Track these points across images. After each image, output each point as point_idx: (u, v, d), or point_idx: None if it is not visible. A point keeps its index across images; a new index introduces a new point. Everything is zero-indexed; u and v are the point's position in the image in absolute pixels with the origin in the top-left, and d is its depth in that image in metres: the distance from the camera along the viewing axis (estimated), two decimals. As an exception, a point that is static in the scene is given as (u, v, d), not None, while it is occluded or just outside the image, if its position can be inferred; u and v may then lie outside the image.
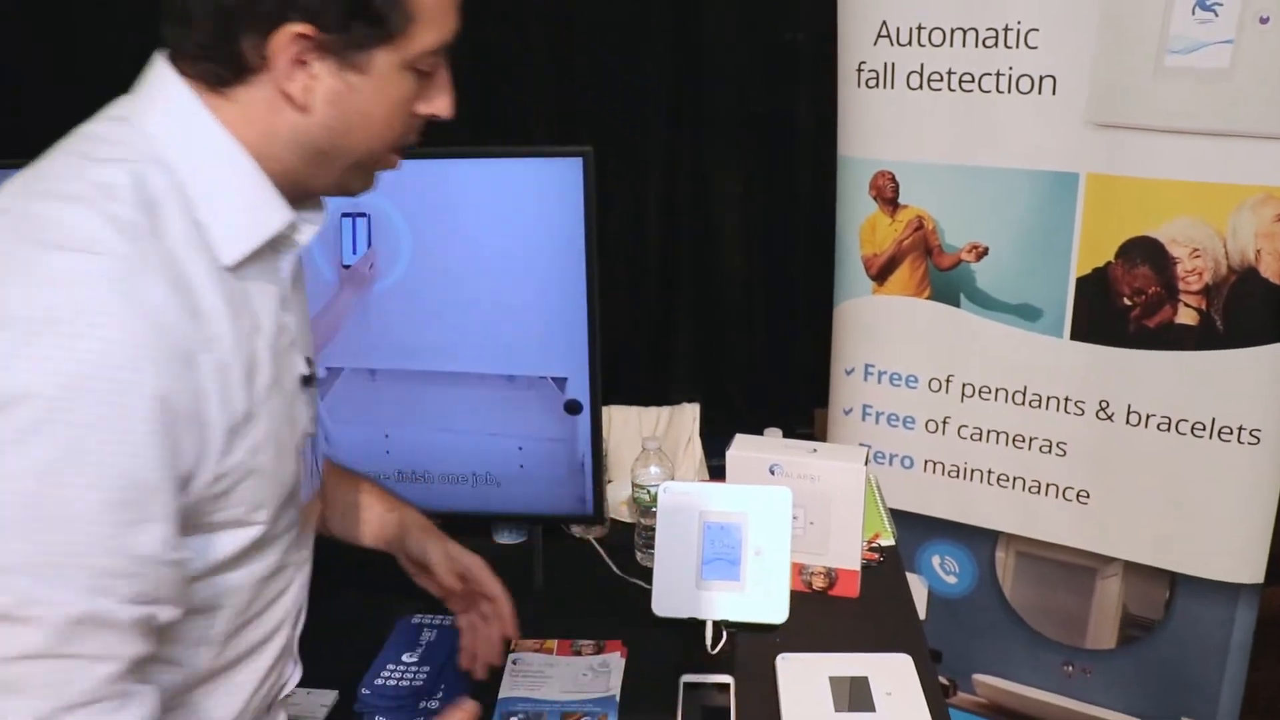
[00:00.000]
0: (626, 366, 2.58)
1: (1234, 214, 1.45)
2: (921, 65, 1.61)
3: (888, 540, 1.55)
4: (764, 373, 2.66)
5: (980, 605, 1.98)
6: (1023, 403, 1.84)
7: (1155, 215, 1.52)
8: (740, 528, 1.32)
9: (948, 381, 1.93)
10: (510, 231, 1.34)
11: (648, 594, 1.32)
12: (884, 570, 1.47)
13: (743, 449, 1.39)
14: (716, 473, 1.62)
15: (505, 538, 1.60)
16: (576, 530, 1.62)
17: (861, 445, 1.99)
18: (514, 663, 1.26)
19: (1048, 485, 1.85)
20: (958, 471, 1.98)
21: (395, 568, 1.22)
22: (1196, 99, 1.41)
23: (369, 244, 1.36)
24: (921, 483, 2.03)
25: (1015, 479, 1.89)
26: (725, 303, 2.59)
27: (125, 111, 0.62)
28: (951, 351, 1.92)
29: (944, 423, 1.97)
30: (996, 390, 1.87)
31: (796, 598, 1.37)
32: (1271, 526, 1.69)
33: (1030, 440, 1.85)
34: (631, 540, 1.54)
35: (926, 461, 2.00)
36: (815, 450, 1.37)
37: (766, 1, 2.31)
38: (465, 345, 1.41)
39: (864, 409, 2.05)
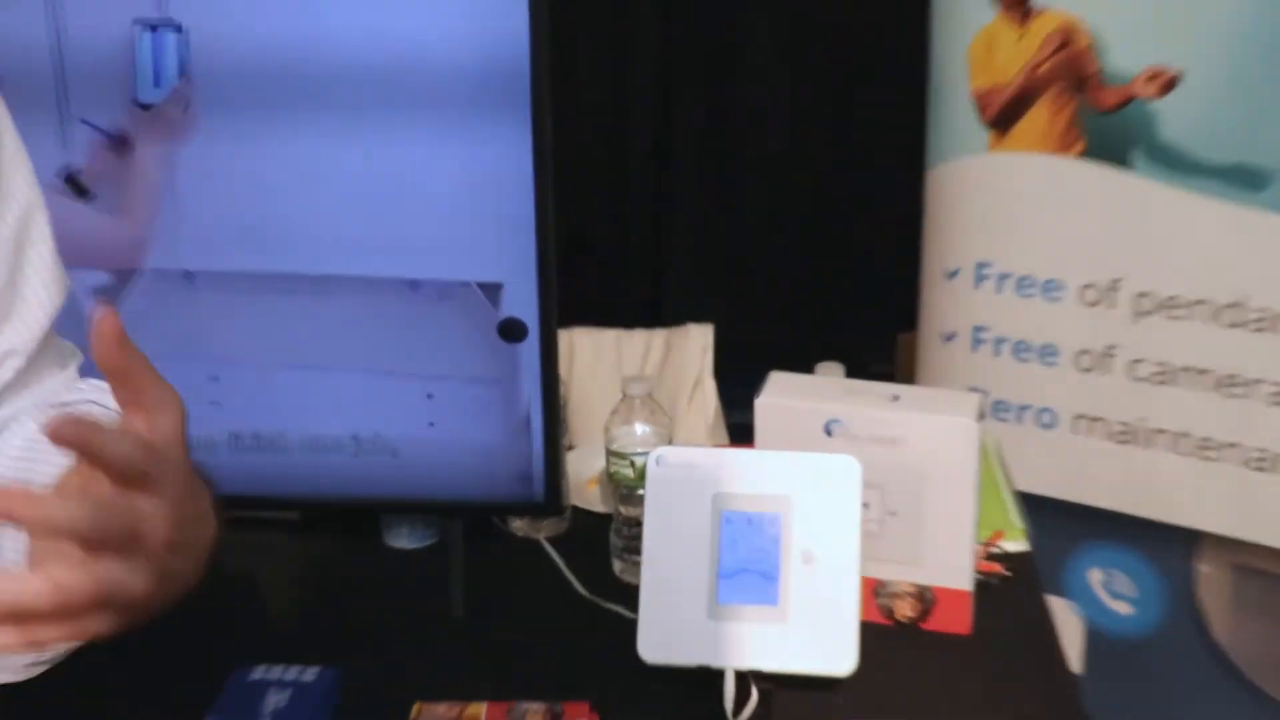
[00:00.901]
0: (598, 268, 2.63)
1: None
2: None
3: (1017, 543, 1.58)
4: (813, 278, 2.70)
5: (1172, 649, 2.00)
6: (1240, 324, 1.81)
7: None
8: (778, 521, 1.32)
9: (1113, 290, 1.93)
10: (410, 54, 1.32)
11: (631, 627, 1.33)
12: (1012, 592, 1.50)
13: (781, 395, 1.40)
14: (741, 433, 1.62)
15: (403, 540, 1.67)
16: (518, 526, 1.68)
17: (973, 390, 1.99)
18: None
19: (1281, 458, 1.87)
20: (1131, 434, 1.98)
21: (222, 600, 1.25)
22: None
23: (180, 72, 1.31)
24: (1072, 452, 2.04)
25: (1226, 447, 1.88)
26: (751, 172, 2.57)
27: None
28: (1119, 242, 1.91)
29: (1107, 355, 1.97)
30: (1194, 304, 1.85)
31: (870, 634, 1.37)
32: None
33: (1253, 385, 1.83)
34: (606, 542, 1.58)
35: (1079, 418, 2.02)
36: (898, 398, 1.39)
37: None
38: (339, 232, 1.39)
39: (976, 333, 2.07)
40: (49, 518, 0.64)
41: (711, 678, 1.31)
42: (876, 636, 1.42)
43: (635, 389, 1.60)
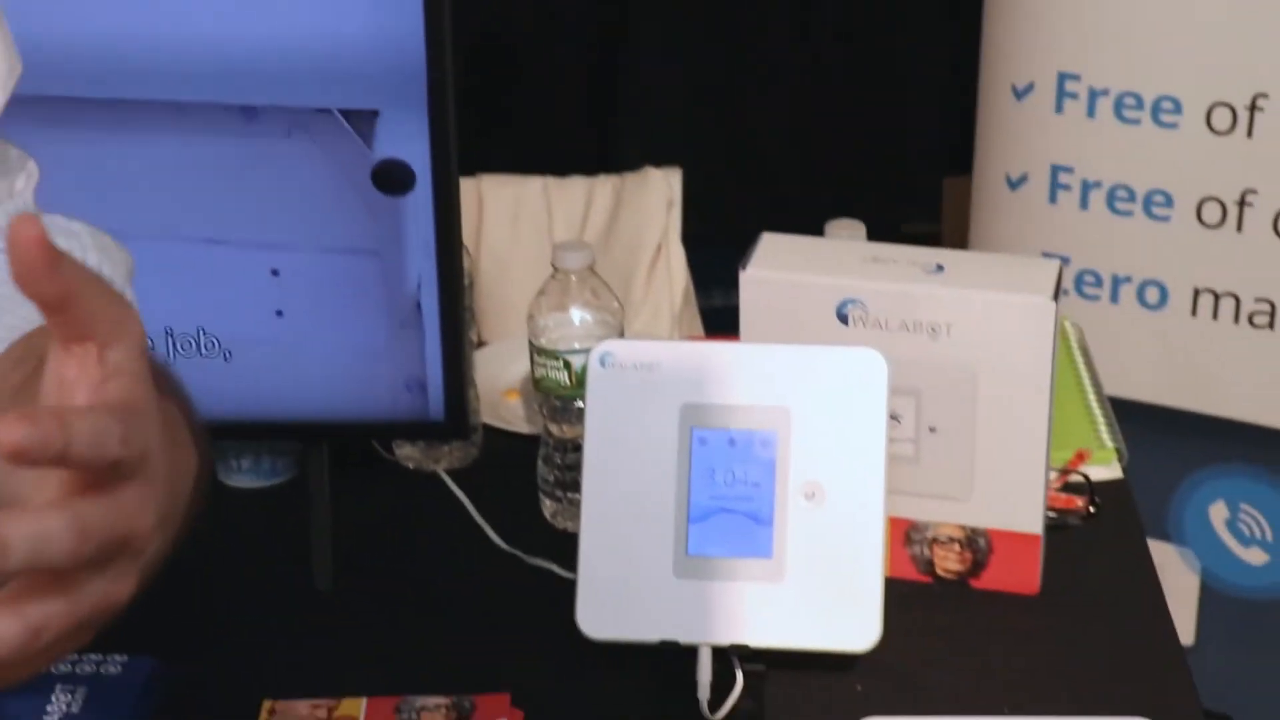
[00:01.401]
0: (524, 91, 2.61)
1: None
2: None
3: (1108, 469, 1.60)
4: (822, 104, 2.69)
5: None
6: None
7: None
8: (772, 442, 1.33)
9: (1253, 111, 1.93)
10: None
11: (568, 591, 1.35)
12: (1099, 535, 1.52)
13: (777, 265, 1.42)
14: (720, 321, 1.64)
15: (245, 477, 1.68)
16: (408, 455, 1.68)
17: (1049, 256, 1.98)
18: None
19: None
20: (1273, 317, 1.98)
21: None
22: None
23: None
24: (1189, 341, 2.06)
25: None
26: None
27: None
28: (1262, 43, 1.91)
29: (1243, 204, 1.97)
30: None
31: (900, 596, 1.38)
32: None
33: None
34: (531, 475, 1.59)
35: (1201, 293, 2.03)
36: (941, 268, 1.40)
37: None
38: (146, 42, 1.38)
39: (1055, 175, 2.07)
40: (28, 557, 0.64)
41: (679, 658, 1.32)
42: (908, 599, 1.42)
43: (571, 260, 1.59)
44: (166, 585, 1.51)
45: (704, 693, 1.30)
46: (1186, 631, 2.07)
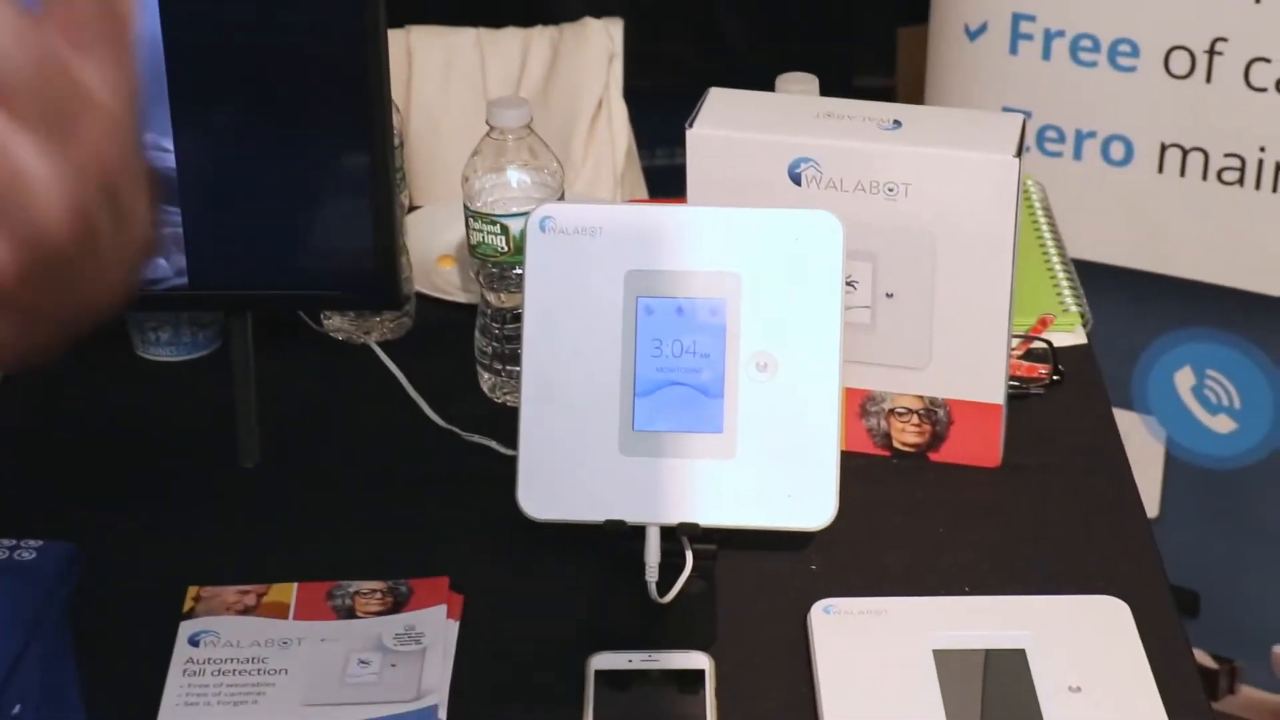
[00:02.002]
0: None
1: None
2: None
3: (1071, 335, 1.62)
4: None
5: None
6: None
7: None
8: (722, 310, 1.35)
9: None
10: None
11: (508, 468, 1.37)
12: (1063, 405, 1.54)
13: (725, 123, 1.42)
14: (664, 180, 1.69)
15: (163, 349, 1.67)
16: (336, 326, 1.68)
17: (1010, 110, 1.98)
18: (192, 645, 1.30)
19: None
20: (1243, 173, 2.00)
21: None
22: None
23: None
24: (1155, 200, 2.07)
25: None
26: None
27: None
28: None
29: (1213, 53, 1.98)
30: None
31: (856, 470, 1.41)
32: None
33: None
34: (468, 347, 1.60)
35: (1168, 148, 2.04)
36: (898, 124, 1.41)
37: None
38: None
39: (1016, 24, 2.07)
40: None
41: (626, 538, 1.33)
42: (865, 474, 1.44)
43: (507, 118, 1.58)
44: (81, 465, 1.51)
45: (652, 574, 1.30)
46: (1152, 503, 2.09)
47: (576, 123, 1.89)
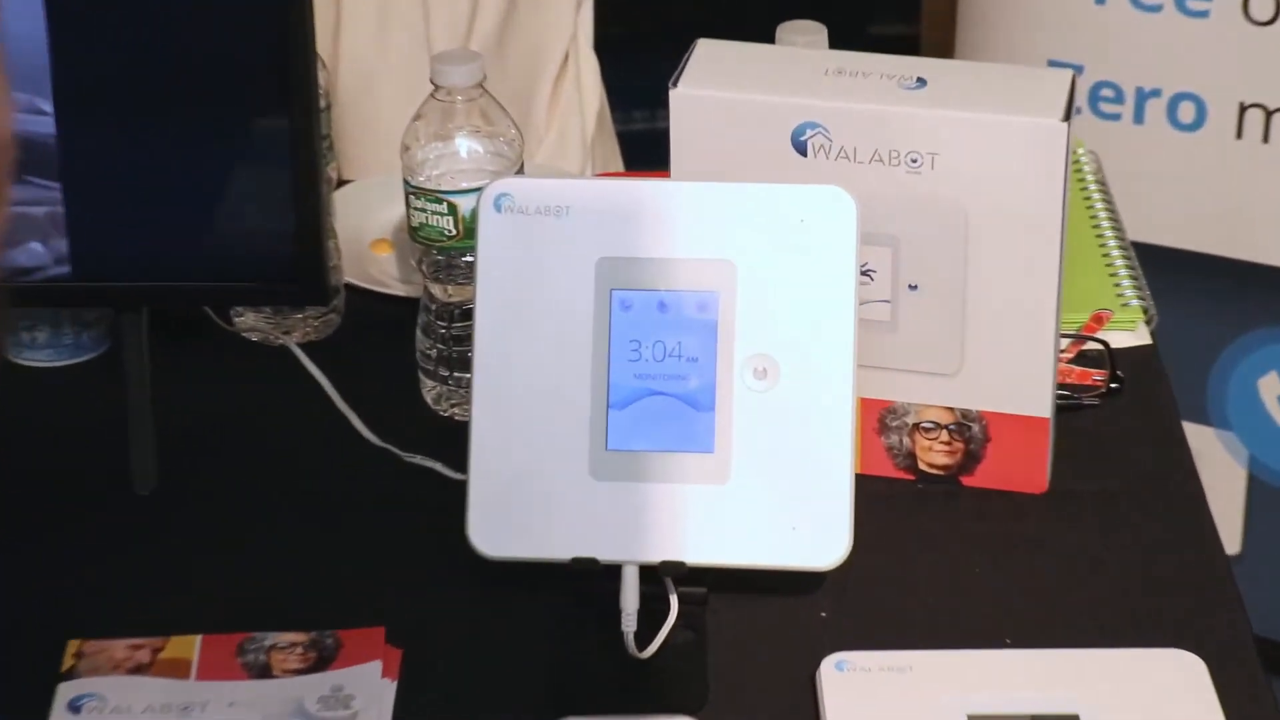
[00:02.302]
0: None
1: None
2: None
3: (1132, 333, 1.63)
4: None
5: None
6: None
7: None
8: (713, 305, 1.36)
9: None
10: None
11: (456, 496, 1.37)
12: (1122, 417, 1.56)
13: (715, 82, 1.44)
14: (643, 149, 1.67)
15: (40, 353, 1.69)
16: (248, 324, 1.69)
17: (1057, 65, 2.00)
18: (72, 712, 1.31)
19: None
20: None
21: None
22: None
23: None
24: (1233, 171, 2.08)
25: None
26: None
27: None
28: None
29: None
30: None
31: (874, 497, 1.43)
32: None
33: None
34: (408, 349, 1.61)
35: (1248, 109, 2.06)
36: (923, 83, 1.42)
37: None
38: None
39: None
40: None
41: (599, 580, 1.33)
42: (884, 500, 1.44)
43: (456, 75, 1.59)
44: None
45: (630, 623, 1.30)
46: (1232, 538, 2.09)
47: (538, 80, 1.90)
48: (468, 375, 1.40)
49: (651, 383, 1.35)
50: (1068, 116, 1.36)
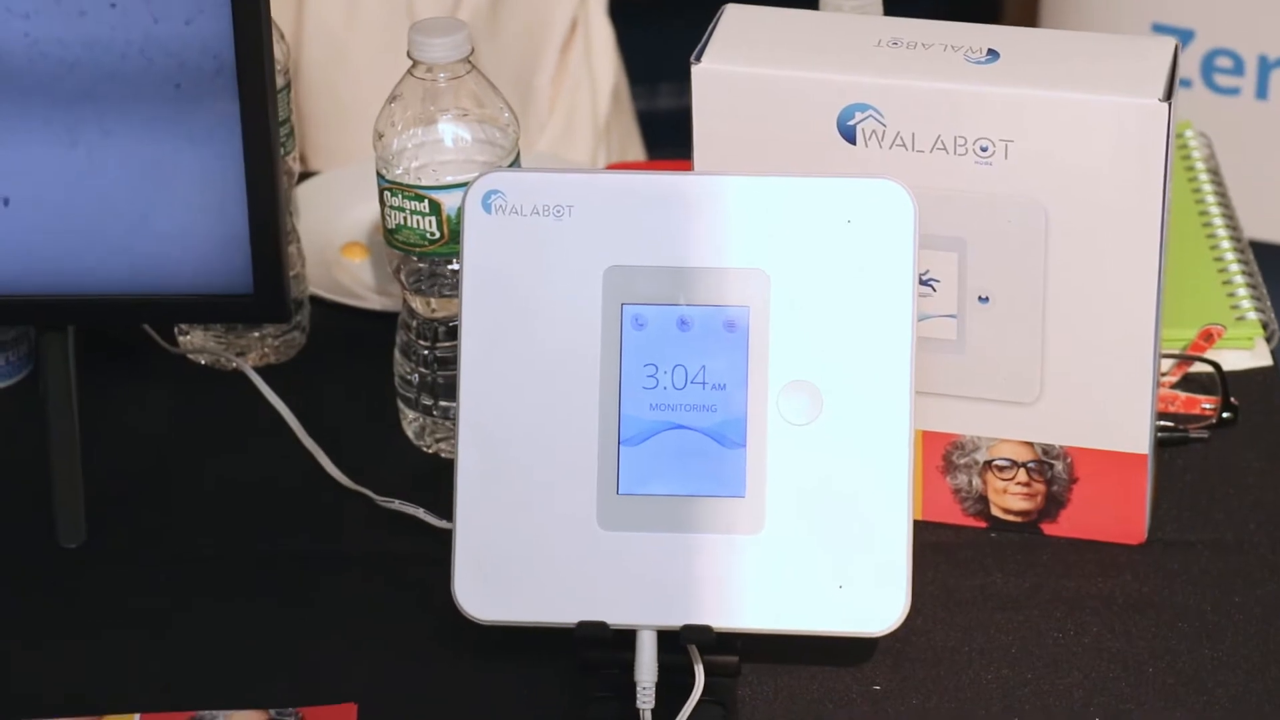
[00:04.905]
0: None
1: None
2: None
3: (1249, 352, 1.64)
4: None
5: None
6: None
7: None
8: (743, 324, 1.36)
9: None
10: None
11: (441, 550, 1.39)
12: (1237, 453, 1.56)
13: (746, 56, 1.44)
14: (664, 132, 1.71)
15: None
16: (195, 344, 1.72)
17: (1161, 31, 2.02)
18: None
19: None
20: None
21: None
22: None
23: None
24: None
25: None
26: None
27: None
28: None
29: None
30: None
31: (937, 546, 1.46)
32: None
33: None
34: (384, 374, 1.63)
35: None
36: (995, 55, 1.43)
37: None
38: None
39: None
40: None
41: (609, 647, 1.33)
42: (950, 553, 1.45)
43: (439, 49, 1.58)
44: None
45: (647, 699, 1.31)
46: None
47: (541, 53, 1.92)
48: (454, 404, 1.40)
49: (670, 414, 1.35)
50: (1169, 94, 1.36)
